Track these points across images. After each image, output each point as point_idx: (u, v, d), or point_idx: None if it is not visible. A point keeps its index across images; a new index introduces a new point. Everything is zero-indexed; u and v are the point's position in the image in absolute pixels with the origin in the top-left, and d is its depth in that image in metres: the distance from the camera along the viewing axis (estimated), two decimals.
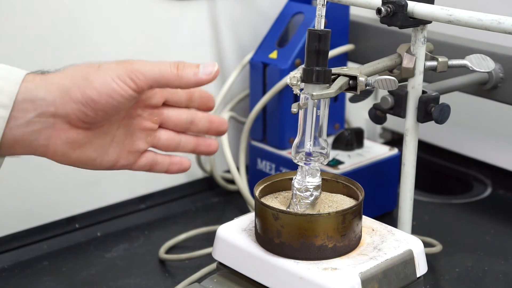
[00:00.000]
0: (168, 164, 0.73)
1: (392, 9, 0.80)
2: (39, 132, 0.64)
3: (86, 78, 0.64)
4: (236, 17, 1.17)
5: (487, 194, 1.18)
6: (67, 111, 0.64)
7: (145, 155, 0.72)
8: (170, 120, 0.72)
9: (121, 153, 0.70)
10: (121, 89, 0.64)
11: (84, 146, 0.67)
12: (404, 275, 0.71)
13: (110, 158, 0.69)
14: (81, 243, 1.03)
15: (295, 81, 0.71)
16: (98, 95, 0.64)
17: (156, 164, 0.72)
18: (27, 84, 0.64)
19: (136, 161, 0.71)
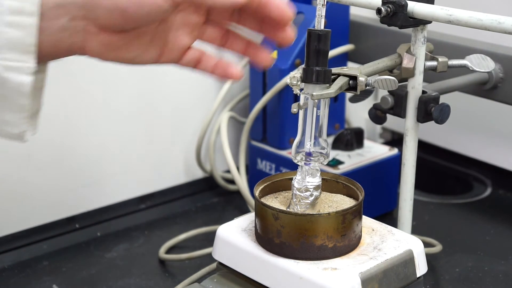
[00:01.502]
0: (213, 65, 0.69)
1: (392, 9, 0.80)
2: (75, 35, 0.63)
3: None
4: None
5: (487, 194, 1.18)
6: (97, 14, 0.63)
7: (191, 51, 0.69)
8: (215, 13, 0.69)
9: (163, 49, 0.67)
10: None
11: (121, 48, 0.65)
12: (404, 275, 0.71)
13: (152, 55, 0.67)
14: (81, 243, 1.03)
15: (295, 81, 0.71)
16: (127, 3, 0.62)
17: (201, 62, 0.69)
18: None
19: (181, 57, 0.68)
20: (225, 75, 0.69)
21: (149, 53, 0.67)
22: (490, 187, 1.20)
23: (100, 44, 0.64)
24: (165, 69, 1.09)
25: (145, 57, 0.67)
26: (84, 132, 1.04)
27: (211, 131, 1.15)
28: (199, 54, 0.69)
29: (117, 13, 0.63)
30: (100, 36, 0.64)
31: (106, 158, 1.07)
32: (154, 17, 0.64)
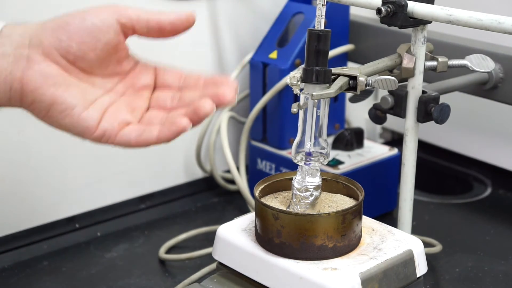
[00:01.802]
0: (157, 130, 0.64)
1: (392, 9, 0.80)
2: (15, 63, 0.62)
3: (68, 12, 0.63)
4: (236, 17, 1.17)
5: (487, 194, 1.18)
6: (41, 39, 0.62)
7: (132, 125, 0.65)
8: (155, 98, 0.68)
9: (103, 116, 0.65)
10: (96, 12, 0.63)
11: (60, 86, 0.63)
12: (404, 275, 0.71)
13: (91, 116, 0.64)
14: (81, 243, 1.03)
15: (295, 81, 0.71)
16: (72, 17, 0.62)
17: (143, 132, 0.64)
18: (7, 27, 0.63)
19: (121, 128, 0.64)
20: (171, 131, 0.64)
21: (90, 112, 0.64)
22: (490, 187, 1.20)
23: (40, 74, 0.62)
24: None
25: (85, 113, 0.64)
26: None
27: (211, 131, 1.15)
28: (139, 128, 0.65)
29: (61, 29, 0.62)
30: (42, 65, 0.62)
31: (106, 158, 1.07)
32: (98, 34, 0.63)
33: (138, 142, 0.64)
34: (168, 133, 0.64)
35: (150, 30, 0.66)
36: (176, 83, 0.68)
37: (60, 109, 0.63)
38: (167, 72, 0.69)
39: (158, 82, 0.69)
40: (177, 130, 0.63)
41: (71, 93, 0.63)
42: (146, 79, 0.68)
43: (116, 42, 0.65)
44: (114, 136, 0.64)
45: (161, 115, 0.66)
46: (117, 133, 0.64)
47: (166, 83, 0.69)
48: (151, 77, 0.69)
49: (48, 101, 0.63)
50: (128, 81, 0.68)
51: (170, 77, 0.69)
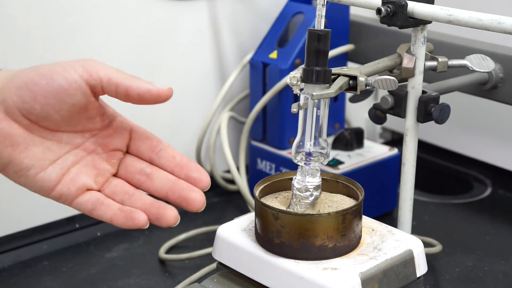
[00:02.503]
0: (115, 209, 0.63)
1: (392, 9, 0.80)
2: None
3: (36, 66, 0.61)
4: (236, 17, 1.17)
5: (487, 194, 1.18)
6: (5, 96, 0.60)
7: (90, 192, 0.64)
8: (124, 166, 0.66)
9: (62, 178, 0.63)
10: (64, 71, 0.60)
11: (17, 147, 0.61)
12: (404, 275, 0.71)
13: (48, 178, 0.63)
14: (81, 243, 1.03)
15: (295, 81, 0.71)
16: (40, 76, 0.60)
17: (101, 205, 0.64)
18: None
19: (78, 195, 0.64)
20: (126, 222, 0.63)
21: (47, 173, 0.63)
22: (490, 187, 1.20)
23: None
24: (165, 69, 1.10)
25: (42, 175, 0.62)
26: None
27: (211, 131, 1.15)
28: (97, 200, 0.64)
29: (26, 88, 0.60)
30: (2, 124, 0.61)
31: None
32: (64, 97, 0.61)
33: (92, 214, 0.64)
34: (122, 222, 0.63)
35: (118, 95, 0.63)
36: (149, 154, 0.67)
37: (15, 169, 0.62)
38: (143, 139, 0.67)
39: (132, 147, 0.67)
40: (132, 225, 0.63)
41: (29, 153, 0.62)
42: (119, 141, 0.66)
43: (84, 103, 0.62)
44: (70, 201, 0.64)
45: (125, 192, 0.65)
46: (74, 199, 0.64)
47: (138, 151, 0.67)
48: (125, 140, 0.67)
49: (5, 160, 0.62)
50: (100, 139, 0.66)
51: (144, 146, 0.67)
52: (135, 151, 0.67)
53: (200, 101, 1.16)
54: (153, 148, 0.67)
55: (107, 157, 0.66)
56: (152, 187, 0.65)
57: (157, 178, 0.65)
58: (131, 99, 0.63)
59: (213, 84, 1.16)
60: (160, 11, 1.09)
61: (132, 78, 0.63)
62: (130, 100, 0.64)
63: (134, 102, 0.64)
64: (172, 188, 0.65)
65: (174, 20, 1.10)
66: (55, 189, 0.63)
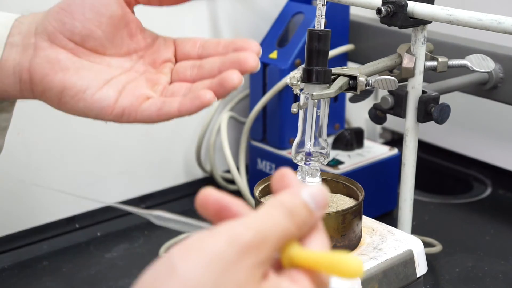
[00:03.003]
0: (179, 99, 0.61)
1: (392, 9, 0.80)
2: (23, 53, 0.61)
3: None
4: (236, 17, 1.17)
5: (487, 194, 1.18)
6: (45, 25, 0.61)
7: (153, 98, 0.62)
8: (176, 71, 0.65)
9: (120, 93, 0.62)
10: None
11: (68, 71, 0.61)
12: (404, 275, 0.71)
13: (106, 95, 0.61)
14: (81, 243, 1.03)
15: (295, 81, 0.71)
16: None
17: (164, 103, 0.61)
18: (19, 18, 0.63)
19: (140, 103, 0.61)
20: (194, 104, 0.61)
21: (104, 91, 0.61)
22: (490, 187, 1.20)
23: (46, 61, 0.61)
24: None
25: (99, 93, 0.61)
26: (83, 131, 1.04)
27: (211, 131, 1.15)
28: (159, 100, 0.63)
29: (63, 11, 0.61)
30: (48, 51, 0.61)
31: (106, 158, 1.07)
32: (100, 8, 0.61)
33: (160, 115, 0.61)
34: (190, 106, 0.61)
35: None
36: (195, 51, 0.66)
37: (71, 93, 0.61)
38: (185, 42, 0.66)
39: (178, 55, 0.66)
40: (200, 104, 0.61)
41: (81, 75, 0.61)
42: (167, 53, 0.66)
43: (121, 14, 0.63)
44: (135, 113, 0.62)
45: (184, 87, 0.64)
46: (137, 109, 0.62)
47: (185, 53, 0.66)
48: (171, 51, 0.66)
49: (58, 87, 0.61)
50: (148, 58, 0.65)
51: (188, 46, 0.66)
52: (183, 56, 0.66)
53: None
54: (196, 44, 0.66)
55: (159, 71, 0.65)
56: (206, 73, 0.64)
57: (206, 63, 0.64)
58: None
59: None
60: (160, 11, 1.08)
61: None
62: (163, 1, 0.65)
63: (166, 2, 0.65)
64: (223, 61, 0.63)
65: (174, 20, 1.10)
66: (116, 105, 0.61)
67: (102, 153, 1.06)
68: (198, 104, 0.61)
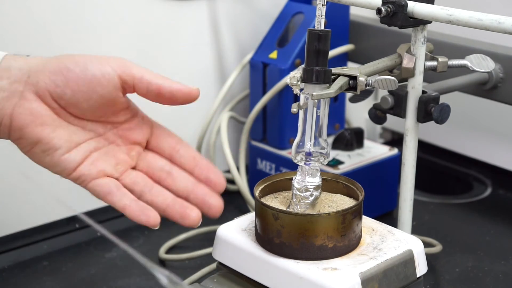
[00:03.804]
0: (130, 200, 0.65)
1: (392, 9, 0.80)
2: (8, 99, 0.62)
3: (71, 54, 0.63)
4: (236, 17, 1.17)
5: (487, 194, 1.18)
6: (38, 79, 0.62)
7: (110, 178, 0.66)
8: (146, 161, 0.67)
9: (85, 160, 0.65)
10: (99, 63, 0.62)
11: (47, 127, 0.63)
12: (404, 275, 0.71)
13: (73, 159, 0.65)
14: (81, 243, 1.03)
15: (295, 81, 0.71)
16: (75, 64, 0.62)
17: (117, 191, 0.65)
18: (7, 58, 0.63)
19: (98, 177, 0.65)
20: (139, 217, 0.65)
21: (72, 155, 0.64)
22: (490, 187, 1.20)
23: (29, 113, 0.62)
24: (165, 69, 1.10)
25: (67, 156, 0.64)
26: None
27: (211, 131, 1.15)
28: (115, 186, 0.65)
29: (61, 73, 0.62)
30: (33, 104, 0.63)
31: None
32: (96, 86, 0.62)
33: (106, 199, 0.65)
34: (135, 214, 0.65)
35: (149, 93, 0.65)
36: (170, 151, 0.68)
37: (44, 148, 0.64)
38: (164, 136, 0.68)
39: (152, 143, 0.68)
40: (144, 221, 0.65)
41: (57, 134, 0.64)
42: (139, 135, 0.68)
43: (113, 96, 0.64)
44: (88, 181, 0.65)
45: (145, 183, 0.66)
46: (92, 180, 0.65)
47: (160, 147, 0.68)
48: (145, 135, 0.68)
49: (34, 139, 0.64)
50: (121, 132, 0.67)
51: (166, 143, 0.68)
52: (156, 147, 0.68)
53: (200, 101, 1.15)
54: (174, 145, 0.68)
55: (127, 150, 0.67)
56: (174, 186, 0.66)
57: (178, 178, 0.66)
58: (162, 97, 0.65)
59: (213, 84, 1.16)
60: (160, 11, 1.09)
61: (163, 77, 0.65)
62: (160, 99, 0.65)
63: (165, 101, 0.66)
64: (194, 191, 0.65)
65: (174, 20, 1.10)
66: (76, 170, 0.65)
67: None
68: (143, 219, 0.65)
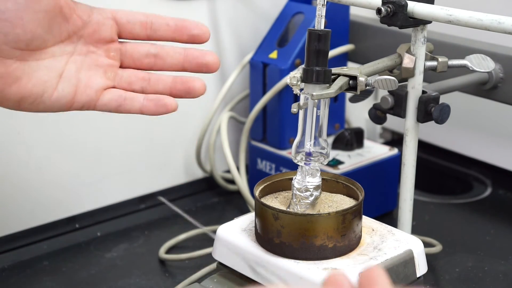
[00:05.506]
0: (141, 100, 0.63)
1: (392, 9, 0.80)
2: None
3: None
4: (236, 17, 1.17)
5: (487, 194, 1.18)
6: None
7: (110, 90, 0.64)
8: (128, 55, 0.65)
9: (77, 88, 0.63)
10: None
11: (21, 80, 0.61)
12: (404, 275, 0.71)
13: (63, 94, 0.62)
14: (81, 243, 1.03)
15: (295, 81, 0.71)
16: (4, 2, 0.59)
17: (125, 100, 0.63)
18: None
19: (99, 97, 0.63)
20: (160, 108, 0.64)
21: (59, 91, 0.63)
22: (490, 187, 1.20)
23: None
24: None
25: (55, 94, 0.62)
26: (84, 131, 1.04)
27: (211, 131, 1.15)
28: (119, 96, 0.64)
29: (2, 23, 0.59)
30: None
31: (106, 158, 1.07)
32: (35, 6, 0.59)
33: (119, 111, 0.64)
34: (154, 110, 0.63)
35: None
36: (144, 31, 0.66)
37: (29, 101, 0.62)
38: (130, 20, 0.66)
39: (124, 33, 0.66)
40: (166, 111, 0.64)
41: (34, 81, 0.62)
42: (107, 32, 0.65)
43: (52, 3, 0.61)
44: (94, 105, 0.64)
45: (141, 77, 0.64)
46: (96, 103, 0.64)
47: (133, 34, 0.66)
48: (112, 28, 0.65)
49: (16, 98, 0.62)
50: (88, 38, 0.64)
51: (137, 26, 0.66)
52: (129, 35, 0.66)
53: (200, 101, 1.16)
54: (144, 24, 0.66)
55: (105, 53, 0.65)
56: (166, 65, 0.65)
57: (166, 55, 0.65)
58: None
59: (213, 84, 1.16)
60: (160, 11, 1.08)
61: None
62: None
63: None
64: (187, 58, 0.64)
65: None
66: (75, 100, 0.63)
67: (102, 153, 1.06)
68: (163, 110, 0.64)
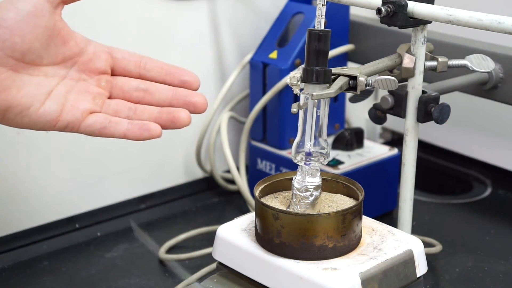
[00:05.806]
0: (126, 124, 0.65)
1: (392, 9, 0.80)
2: None
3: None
4: (236, 17, 1.17)
5: (487, 194, 1.18)
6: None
7: (96, 114, 0.65)
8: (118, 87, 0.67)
9: (63, 107, 0.64)
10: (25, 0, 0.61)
11: (10, 90, 0.62)
12: (404, 275, 0.71)
13: (49, 111, 0.64)
14: (81, 243, 1.03)
15: (295, 81, 0.71)
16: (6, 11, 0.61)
17: (110, 123, 0.64)
18: None
19: (84, 119, 0.65)
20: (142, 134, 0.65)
21: (46, 107, 0.64)
22: (490, 187, 1.20)
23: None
24: None
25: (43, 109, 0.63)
26: None
27: (211, 131, 1.15)
28: (105, 119, 0.65)
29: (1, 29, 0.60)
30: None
31: (106, 158, 1.07)
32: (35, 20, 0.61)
33: (102, 134, 0.65)
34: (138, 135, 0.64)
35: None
36: (137, 70, 0.67)
37: (16, 111, 0.63)
38: (126, 57, 0.68)
39: (117, 68, 0.68)
40: (150, 136, 0.64)
41: (23, 93, 0.63)
42: (101, 64, 0.67)
43: (53, 22, 0.63)
44: (78, 126, 0.65)
45: (127, 107, 0.66)
46: (81, 124, 0.65)
47: (126, 70, 0.68)
48: (106, 62, 0.67)
49: (3, 106, 0.62)
50: (82, 66, 0.66)
51: (131, 64, 0.68)
52: (123, 71, 0.68)
53: None
54: (138, 63, 0.68)
55: (95, 82, 0.66)
56: (154, 100, 0.66)
57: (155, 91, 0.66)
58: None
59: (213, 84, 1.16)
60: (160, 11, 1.09)
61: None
62: None
63: None
64: (175, 96, 0.66)
65: (174, 20, 1.10)
66: (60, 119, 0.64)
67: (102, 153, 1.06)
68: (147, 135, 0.64)
